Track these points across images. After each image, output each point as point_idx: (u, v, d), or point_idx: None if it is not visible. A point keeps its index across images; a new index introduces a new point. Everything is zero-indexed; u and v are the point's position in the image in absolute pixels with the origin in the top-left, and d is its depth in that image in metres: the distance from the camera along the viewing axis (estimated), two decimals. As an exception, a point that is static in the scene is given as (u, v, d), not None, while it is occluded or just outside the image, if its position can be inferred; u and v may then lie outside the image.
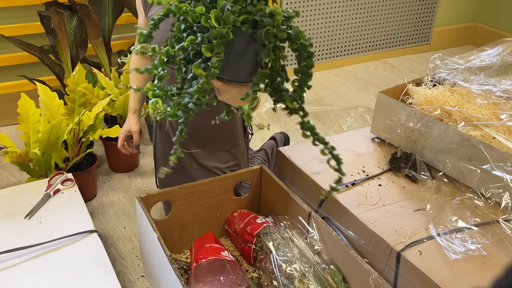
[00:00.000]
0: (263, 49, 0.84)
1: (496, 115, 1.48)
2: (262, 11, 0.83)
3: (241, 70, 0.88)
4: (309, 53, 0.88)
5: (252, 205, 1.61)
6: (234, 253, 1.53)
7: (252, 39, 0.85)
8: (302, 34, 0.89)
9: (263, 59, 0.85)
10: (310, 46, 0.89)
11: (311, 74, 0.90)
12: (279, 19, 0.84)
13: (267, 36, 0.83)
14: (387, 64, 3.61)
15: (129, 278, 1.63)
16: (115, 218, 1.92)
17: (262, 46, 0.84)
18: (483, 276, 1.14)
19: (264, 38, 0.83)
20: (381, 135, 1.71)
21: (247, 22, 0.83)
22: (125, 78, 2.16)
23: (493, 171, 1.35)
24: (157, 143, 1.73)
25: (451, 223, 1.30)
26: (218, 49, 0.80)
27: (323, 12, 3.27)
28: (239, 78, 0.89)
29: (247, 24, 0.83)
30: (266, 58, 0.85)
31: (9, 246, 1.30)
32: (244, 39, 0.84)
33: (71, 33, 2.25)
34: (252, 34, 0.84)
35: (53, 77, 2.42)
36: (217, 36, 0.79)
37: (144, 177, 2.19)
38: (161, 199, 1.42)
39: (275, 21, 0.84)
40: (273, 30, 0.83)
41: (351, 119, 2.57)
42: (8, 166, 2.22)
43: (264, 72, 0.86)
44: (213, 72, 0.82)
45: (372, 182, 1.50)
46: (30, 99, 1.75)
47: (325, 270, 1.29)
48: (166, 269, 1.20)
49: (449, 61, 1.77)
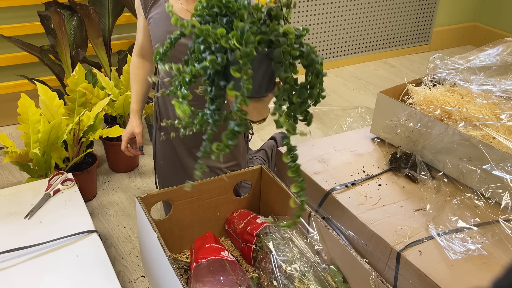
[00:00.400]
0: (279, 66, 0.90)
1: (496, 115, 1.48)
2: (276, 31, 0.89)
3: (255, 86, 0.92)
4: (317, 71, 0.94)
5: (252, 205, 1.61)
6: (234, 253, 1.53)
7: (266, 57, 0.90)
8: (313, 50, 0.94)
9: (282, 76, 0.90)
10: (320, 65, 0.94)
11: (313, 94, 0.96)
12: (292, 38, 0.90)
13: (283, 54, 0.89)
14: (387, 64, 3.61)
15: (129, 278, 1.63)
16: (115, 218, 1.92)
17: (278, 64, 0.90)
18: (483, 276, 1.14)
19: (281, 56, 0.88)
20: (381, 135, 1.71)
21: (263, 42, 0.89)
22: (125, 78, 2.16)
23: (493, 171, 1.35)
24: (157, 143, 1.73)
25: (451, 223, 1.30)
26: (245, 67, 0.85)
27: (323, 12, 3.27)
28: (254, 93, 0.94)
29: (263, 44, 0.89)
30: (285, 74, 0.90)
31: (9, 246, 1.30)
32: (257, 58, 0.89)
33: (71, 33, 2.25)
34: (267, 53, 0.90)
35: (53, 77, 2.42)
36: (242, 55, 0.84)
37: (144, 177, 2.19)
38: (161, 199, 1.42)
39: (288, 39, 0.90)
40: (288, 49, 0.89)
41: (351, 119, 2.57)
42: (8, 166, 2.22)
43: (285, 87, 0.92)
44: (247, 89, 0.86)
45: (372, 182, 1.50)
46: (30, 99, 1.75)
47: (325, 270, 1.29)
48: (166, 269, 1.20)
49: (449, 61, 1.77)
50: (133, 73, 1.67)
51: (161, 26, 1.48)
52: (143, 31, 1.59)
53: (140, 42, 1.63)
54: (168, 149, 1.70)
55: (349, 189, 1.45)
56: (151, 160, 2.25)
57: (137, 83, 1.66)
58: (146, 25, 1.57)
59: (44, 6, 2.27)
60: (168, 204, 1.50)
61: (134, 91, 1.66)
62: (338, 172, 1.53)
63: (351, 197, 1.41)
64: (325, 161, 1.60)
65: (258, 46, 0.88)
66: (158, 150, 1.74)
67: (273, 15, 0.92)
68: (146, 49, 1.64)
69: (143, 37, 1.61)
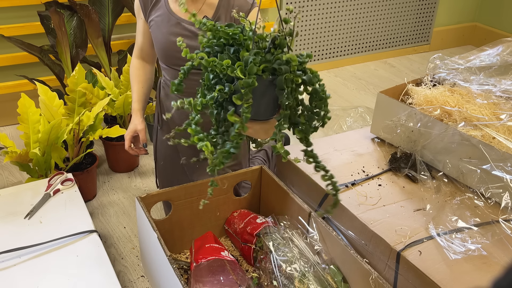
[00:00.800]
0: (282, 93, 0.97)
1: (496, 115, 1.48)
2: (279, 60, 0.96)
3: (261, 110, 1.00)
4: (319, 97, 1.00)
5: (252, 205, 1.61)
6: (234, 253, 1.53)
7: (270, 84, 0.97)
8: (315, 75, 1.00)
9: (283, 102, 0.96)
10: (323, 93, 1.00)
11: (318, 113, 1.02)
12: (295, 66, 0.96)
13: (285, 82, 0.95)
14: (387, 64, 3.61)
15: (129, 278, 1.63)
16: (115, 218, 1.92)
17: (281, 91, 0.97)
18: (483, 276, 1.14)
19: (283, 83, 0.95)
20: (381, 135, 1.71)
21: (267, 70, 0.96)
22: (125, 78, 2.16)
23: (493, 171, 1.35)
24: (157, 143, 1.73)
25: (451, 223, 1.30)
26: (246, 97, 0.92)
27: (323, 12, 3.27)
28: (260, 117, 1.02)
29: (267, 72, 0.95)
30: (286, 101, 0.96)
31: (9, 246, 1.30)
32: (263, 84, 0.97)
33: (71, 33, 2.25)
34: (271, 80, 0.97)
35: (53, 77, 2.42)
36: (244, 85, 0.91)
37: (144, 177, 2.19)
38: (161, 199, 1.42)
39: (291, 67, 0.96)
40: (290, 76, 0.95)
41: (351, 119, 2.56)
42: (8, 166, 2.22)
43: (286, 113, 0.98)
44: (246, 117, 0.94)
45: (372, 182, 1.50)
46: (30, 99, 1.75)
47: (325, 270, 1.29)
48: (166, 269, 1.20)
49: (449, 61, 1.78)
50: (133, 74, 1.67)
51: (163, 28, 1.48)
52: (143, 33, 1.59)
53: (140, 44, 1.63)
54: (168, 149, 1.70)
55: (349, 189, 1.45)
56: (151, 160, 2.25)
57: (138, 84, 1.66)
58: (146, 28, 1.57)
59: (44, 6, 2.27)
60: (168, 204, 1.50)
61: (135, 91, 1.66)
62: (338, 172, 1.53)
63: (351, 197, 1.41)
64: (325, 161, 1.59)
65: (262, 74, 0.95)
66: (159, 150, 1.74)
67: (277, 43, 0.98)
68: (146, 51, 1.64)
69: (143, 39, 1.61)
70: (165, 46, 1.49)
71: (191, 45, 1.46)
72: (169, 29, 1.48)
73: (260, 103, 0.98)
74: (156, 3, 1.50)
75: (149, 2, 1.51)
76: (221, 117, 1.02)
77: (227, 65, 0.93)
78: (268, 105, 1.02)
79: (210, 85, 0.99)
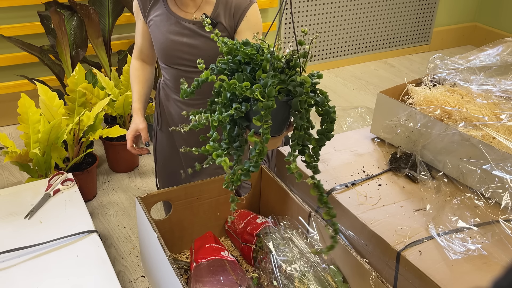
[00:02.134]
0: (297, 114, 1.00)
1: (496, 115, 1.48)
2: (294, 81, 1.00)
3: (274, 127, 1.03)
4: (331, 118, 1.04)
5: (252, 205, 1.61)
6: (234, 253, 1.53)
7: (284, 104, 1.01)
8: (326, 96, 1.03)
9: (298, 123, 1.00)
10: (333, 113, 1.04)
11: (330, 137, 1.05)
12: (308, 88, 1.00)
13: (300, 103, 0.99)
14: (387, 64, 3.61)
15: (129, 278, 1.63)
16: (115, 218, 1.92)
17: (296, 112, 1.01)
18: (483, 276, 1.14)
19: (298, 105, 0.99)
20: (381, 135, 1.71)
21: (282, 91, 1.00)
22: (125, 78, 2.16)
23: (493, 171, 1.35)
24: (157, 144, 1.73)
25: (451, 223, 1.30)
26: (266, 118, 0.96)
27: (323, 12, 3.27)
28: (272, 134, 1.05)
29: (282, 93, 1.00)
30: (301, 122, 1.00)
31: (9, 246, 1.30)
32: (278, 104, 1.00)
33: (71, 33, 2.25)
34: (285, 101, 1.01)
35: (53, 77, 2.42)
36: (264, 107, 0.95)
37: (144, 177, 2.20)
38: (161, 199, 1.42)
39: (305, 88, 0.99)
40: (305, 98, 0.99)
41: (351, 119, 2.56)
42: (8, 166, 2.22)
43: (300, 134, 1.02)
44: (266, 138, 0.97)
45: (372, 182, 1.50)
46: (30, 99, 1.75)
47: (325, 270, 1.29)
48: (166, 269, 1.20)
49: (449, 61, 1.77)
50: (133, 75, 1.66)
51: (162, 27, 1.48)
52: (142, 34, 1.59)
53: (139, 45, 1.63)
54: (168, 150, 1.70)
55: (349, 189, 1.45)
56: (151, 160, 2.25)
57: (138, 84, 1.65)
58: (145, 29, 1.56)
59: (44, 6, 2.27)
60: (168, 204, 1.50)
61: (135, 90, 1.65)
62: (338, 172, 1.53)
63: (351, 197, 1.41)
64: (325, 161, 1.59)
65: (278, 96, 0.99)
66: (159, 151, 1.73)
67: (292, 65, 1.02)
68: (146, 52, 1.64)
69: (142, 40, 1.60)
70: (164, 46, 1.49)
71: (190, 44, 1.46)
72: (168, 28, 1.47)
73: (273, 121, 1.01)
74: (155, 3, 1.50)
75: (147, 2, 1.51)
76: (235, 133, 1.06)
77: (246, 87, 0.97)
78: (280, 123, 1.06)
79: (227, 104, 1.03)
